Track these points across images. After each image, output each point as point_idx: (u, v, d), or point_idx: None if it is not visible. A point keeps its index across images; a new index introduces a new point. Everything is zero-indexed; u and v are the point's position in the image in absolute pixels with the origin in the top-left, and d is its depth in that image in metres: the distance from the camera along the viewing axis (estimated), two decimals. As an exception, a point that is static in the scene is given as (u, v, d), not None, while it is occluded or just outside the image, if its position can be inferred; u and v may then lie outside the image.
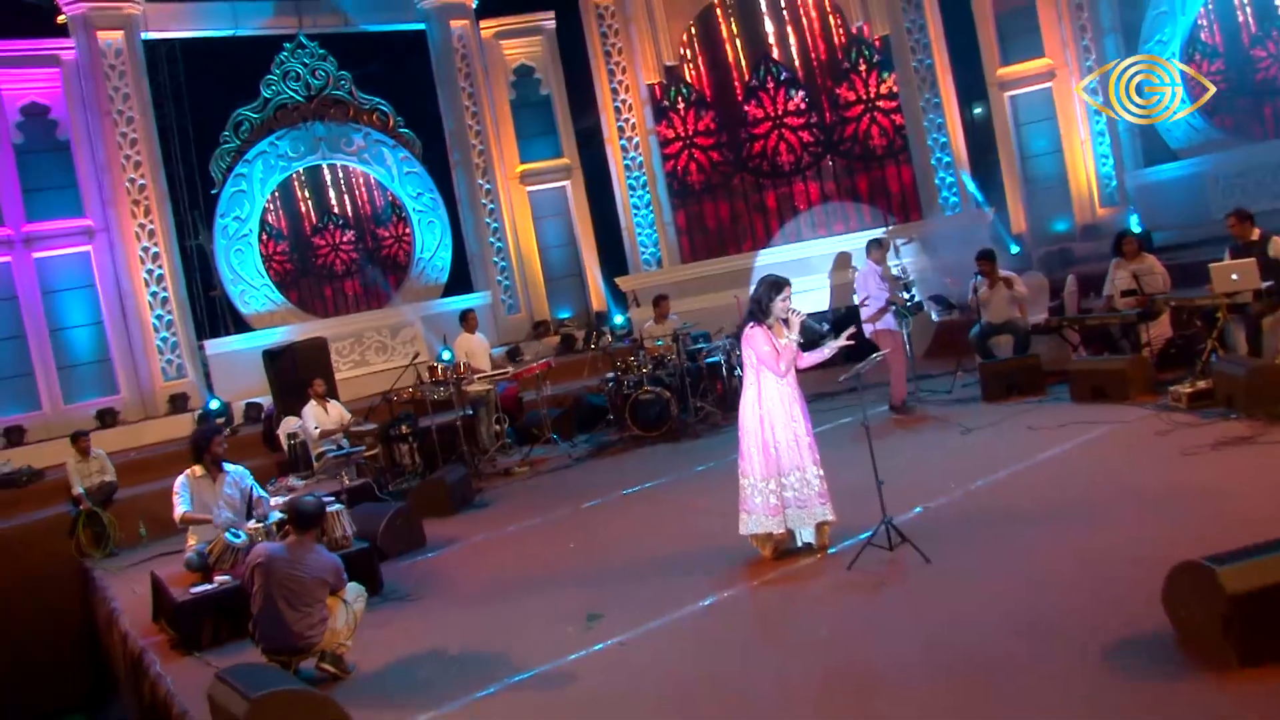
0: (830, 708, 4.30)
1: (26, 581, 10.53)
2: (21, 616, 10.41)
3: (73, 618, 10.34)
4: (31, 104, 15.03)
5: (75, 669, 10.36)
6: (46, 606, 10.44)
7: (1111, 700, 3.78)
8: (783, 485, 6.03)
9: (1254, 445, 6.81)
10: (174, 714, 5.56)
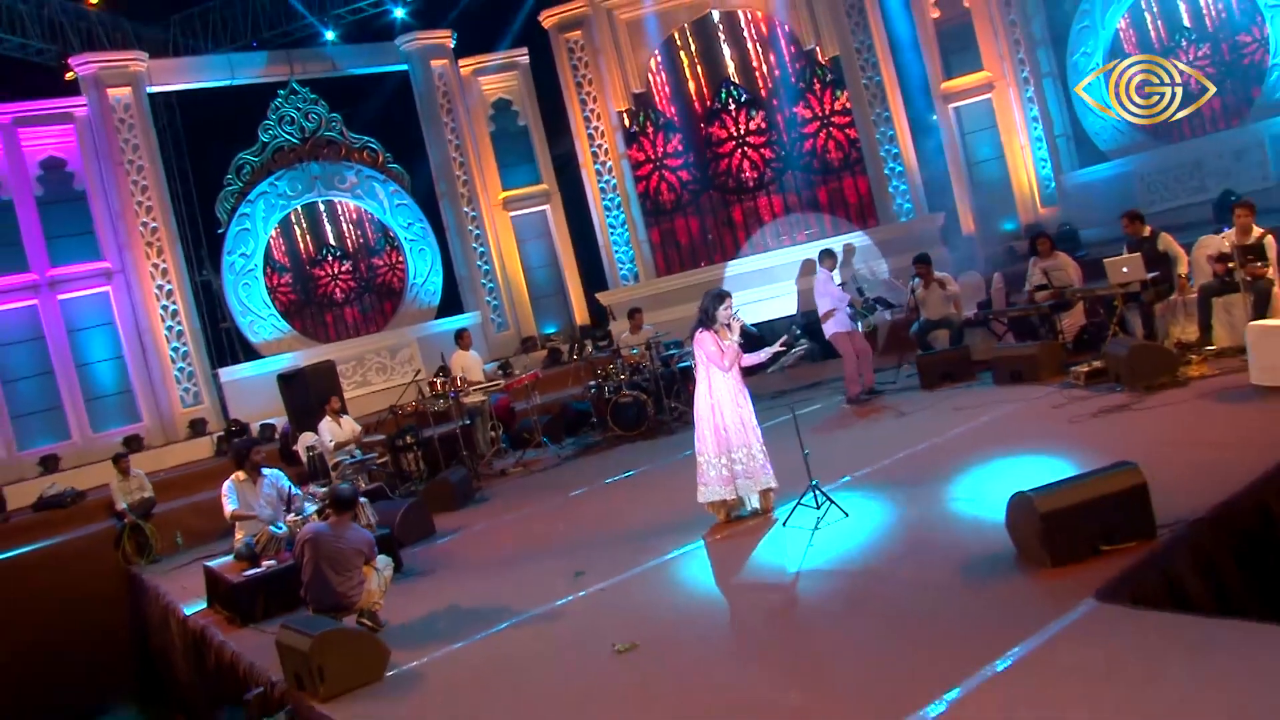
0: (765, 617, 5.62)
1: (77, 590, 11.73)
2: (74, 621, 11.60)
3: (121, 620, 11.58)
4: (50, 158, 16.32)
5: (125, 666, 11.56)
6: (96, 611, 11.65)
7: (959, 595, 5.09)
8: (732, 460, 7.34)
9: (1127, 412, 8.14)
10: (240, 669, 6.84)
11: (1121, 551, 5.02)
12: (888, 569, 5.77)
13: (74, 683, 11.38)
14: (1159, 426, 7.54)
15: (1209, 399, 7.93)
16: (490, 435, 13.65)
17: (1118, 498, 5.10)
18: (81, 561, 11.90)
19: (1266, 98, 15.34)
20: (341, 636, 5.80)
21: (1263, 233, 9.36)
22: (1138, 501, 5.11)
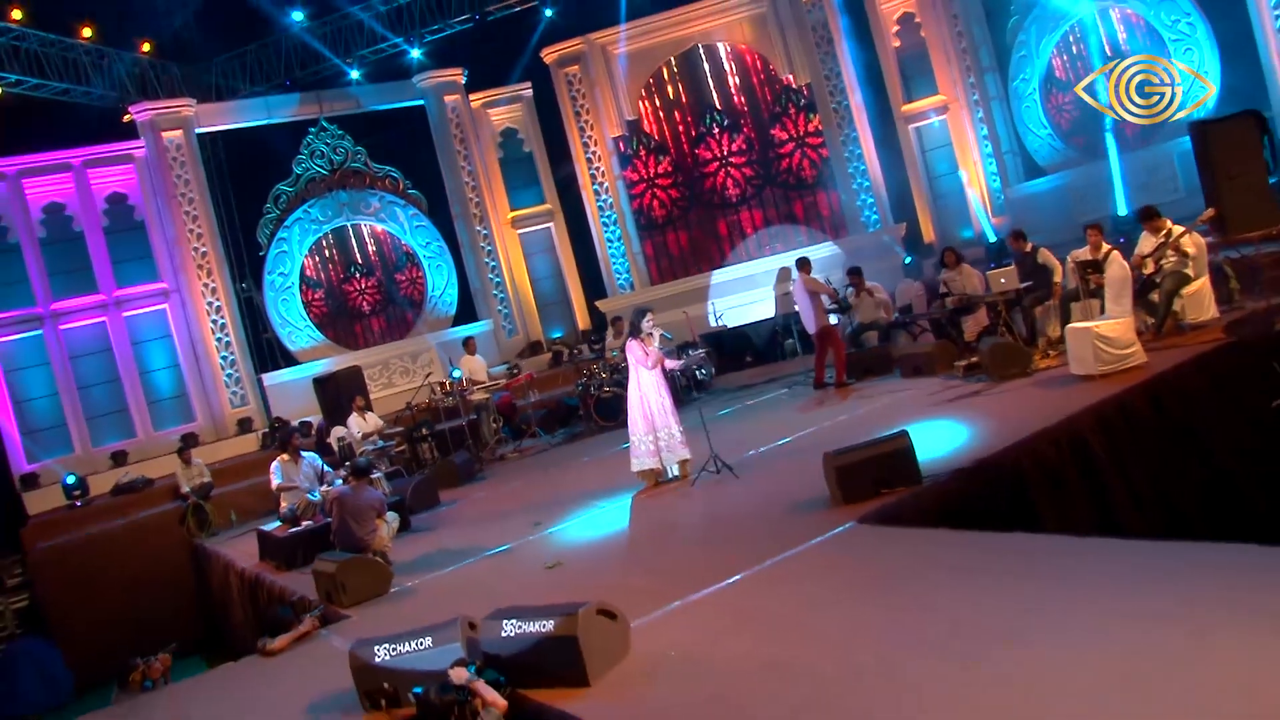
0: (651, 542, 7.88)
1: (150, 559, 14.22)
2: (148, 584, 14.06)
3: (187, 583, 14.02)
4: (114, 193, 18.83)
5: (190, 620, 13.95)
6: (166, 576, 14.11)
7: (778, 521, 7.33)
8: (657, 437, 9.61)
9: (976, 397, 10.31)
10: (286, 595, 9.19)
11: (894, 493, 7.22)
12: (744, 508, 8.03)
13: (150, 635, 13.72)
14: (987, 405, 9.71)
15: (1036, 386, 10.07)
16: (493, 427, 15.97)
17: (892, 455, 7.31)
18: (153, 536, 14.37)
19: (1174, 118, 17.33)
20: (359, 563, 8.14)
21: (1110, 248, 11.42)
22: (907, 458, 7.32)
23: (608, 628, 5.17)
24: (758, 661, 4.85)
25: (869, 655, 4.66)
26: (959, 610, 4.88)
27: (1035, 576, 5.14)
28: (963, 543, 6.08)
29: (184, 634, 13.59)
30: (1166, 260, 10.87)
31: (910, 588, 5.41)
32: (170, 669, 7.80)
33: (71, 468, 16.55)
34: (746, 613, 5.62)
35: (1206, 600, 4.30)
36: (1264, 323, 10.35)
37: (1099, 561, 5.18)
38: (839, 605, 5.40)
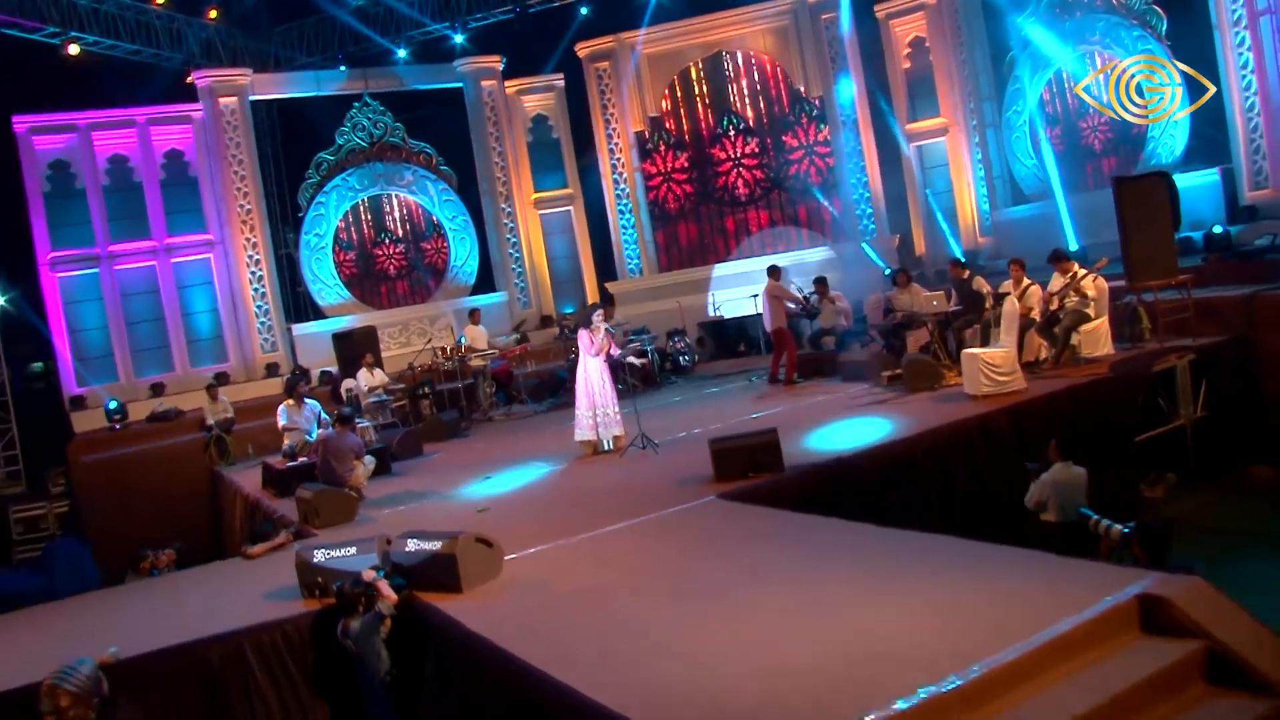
0: (570, 499, 9.60)
1: (174, 480, 16.19)
2: (170, 501, 15.97)
3: (203, 502, 15.95)
4: (172, 149, 20.73)
5: (203, 532, 15.77)
6: (186, 495, 16.06)
7: (664, 491, 9.00)
8: (595, 413, 11.33)
9: (886, 404, 11.90)
10: (276, 516, 11.02)
11: (760, 477, 8.87)
12: (645, 478, 9.75)
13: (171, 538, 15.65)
14: (887, 411, 11.32)
15: (934, 400, 11.61)
16: (487, 391, 17.72)
17: (762, 446, 8.97)
18: (179, 460, 16.36)
19: (1145, 164, 18.58)
20: (332, 494, 9.95)
21: (1030, 283, 12.90)
22: (773, 449, 8.96)
23: (483, 552, 6.90)
24: (583, 585, 6.58)
25: (665, 586, 6.36)
26: (753, 562, 6.55)
27: (821, 545, 6.79)
28: (788, 520, 7.70)
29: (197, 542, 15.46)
30: (1069, 299, 12.33)
31: (725, 546, 7.09)
32: (174, 562, 9.66)
33: (114, 394, 18.58)
34: (594, 553, 7.35)
35: (905, 567, 5.94)
36: (1145, 363, 11.85)
37: (868, 541, 6.78)
38: (663, 553, 7.10)
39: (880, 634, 4.96)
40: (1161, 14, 18.00)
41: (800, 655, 4.86)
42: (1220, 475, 12.01)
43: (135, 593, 9.01)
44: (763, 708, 4.36)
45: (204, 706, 6.51)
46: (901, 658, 4.61)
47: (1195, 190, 17.53)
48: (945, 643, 4.68)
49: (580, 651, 5.33)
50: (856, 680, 4.47)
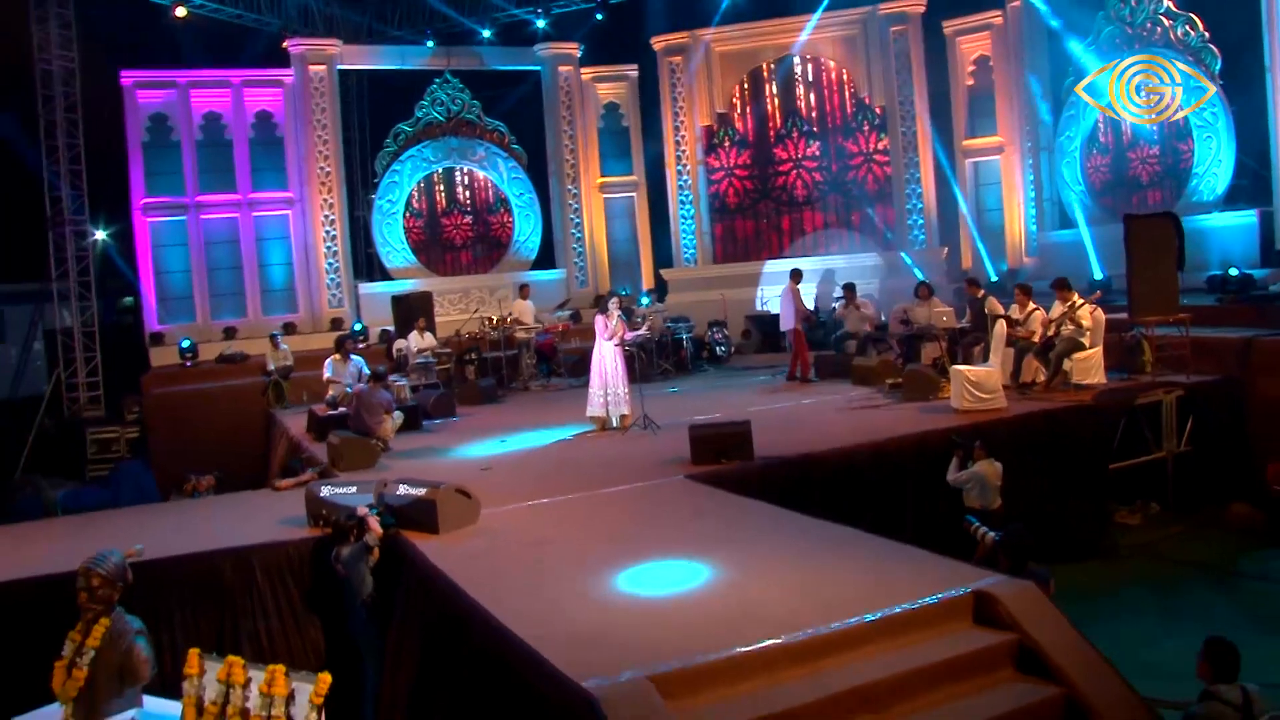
0: (573, 468, 10.63)
1: (233, 417, 17.61)
2: (227, 435, 17.35)
3: (257, 439, 17.28)
4: (262, 111, 22.17)
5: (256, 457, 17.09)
6: (242, 431, 17.39)
7: (647, 467, 10.00)
8: (607, 393, 12.36)
9: (879, 410, 12.74)
10: (306, 456, 12.26)
11: (731, 463, 9.81)
12: (634, 455, 10.79)
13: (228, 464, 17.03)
14: (876, 416, 12.17)
15: (923, 410, 12.38)
16: (529, 362, 18.83)
17: (734, 435, 9.90)
18: (240, 399, 17.79)
19: (1186, 199, 18.97)
20: (357, 441, 11.14)
21: (1034, 307, 13.58)
22: (745, 440, 9.90)
23: (461, 502, 7.98)
24: (540, 538, 7.64)
25: (606, 545, 7.38)
26: (685, 532, 7.54)
27: (747, 525, 7.74)
28: (730, 502, 8.64)
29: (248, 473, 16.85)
30: (1065, 327, 13.01)
31: (670, 517, 8.10)
32: (213, 486, 10.95)
33: (190, 334, 20.12)
34: (563, 513, 8.42)
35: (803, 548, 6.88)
36: (1129, 395, 12.51)
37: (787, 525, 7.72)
38: (618, 518, 8.14)
39: (755, 598, 5.92)
40: (1217, 53, 18.39)
41: (684, 607, 5.85)
42: (1200, 509, 12.66)
43: (174, 509, 10.33)
44: (634, 641, 5.36)
45: (213, 608, 7.70)
46: (761, 617, 5.56)
47: (1231, 230, 18.02)
48: (801, 610, 5.62)
49: (514, 589, 6.38)
50: (717, 630, 5.43)
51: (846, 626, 5.38)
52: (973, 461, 9.80)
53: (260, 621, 7.80)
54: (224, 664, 5.88)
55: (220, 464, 16.10)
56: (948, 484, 9.86)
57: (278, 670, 5.73)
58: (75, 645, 6.32)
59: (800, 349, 15.98)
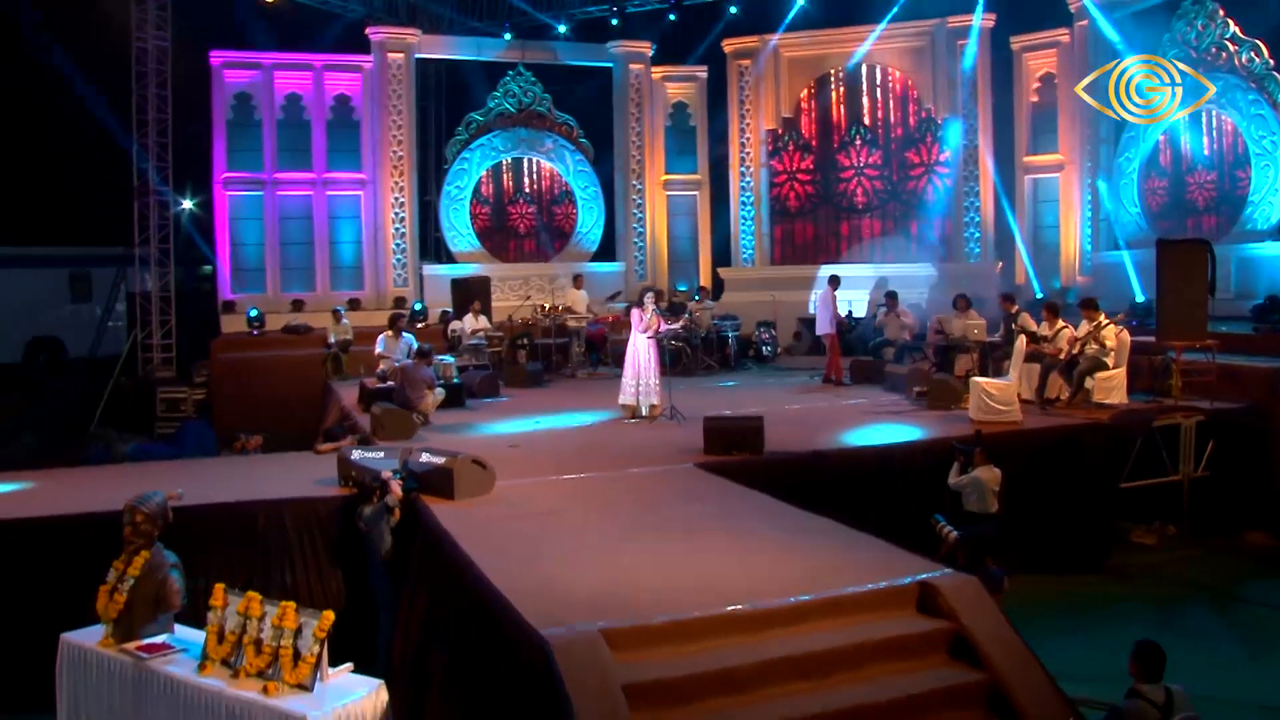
0: (582, 448, 11.26)
1: (293, 385, 18.54)
2: (286, 402, 18.22)
3: (313, 407, 18.13)
4: (341, 94, 23.13)
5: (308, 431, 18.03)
6: (300, 399, 18.23)
7: (663, 454, 10.58)
8: (639, 383, 12.97)
9: (901, 415, 13.16)
10: (348, 424, 13.05)
11: (741, 455, 10.34)
12: (653, 442, 11.37)
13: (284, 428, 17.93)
14: (896, 421, 12.58)
15: (941, 418, 12.78)
16: (578, 350, 19.50)
17: (747, 429, 10.44)
18: (301, 369, 18.73)
19: (1241, 226, 18.98)
20: (396, 413, 11.89)
21: (1063, 325, 13.87)
22: (757, 434, 10.43)
23: (477, 472, 8.65)
24: (545, 509, 8.28)
25: (604, 519, 7.99)
26: (678, 514, 8.12)
27: (736, 511, 8.29)
28: (728, 489, 9.16)
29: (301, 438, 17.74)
30: (1090, 346, 13.29)
31: (668, 500, 8.68)
32: (260, 446, 11.77)
33: (259, 305, 21.16)
34: (572, 489, 9.05)
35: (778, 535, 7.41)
36: (1146, 417, 12.75)
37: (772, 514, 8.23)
38: (620, 497, 8.74)
39: (720, 572, 6.50)
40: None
41: (653, 575, 6.44)
42: (1217, 535, 12.86)
43: (223, 464, 11.17)
44: (599, 600, 5.96)
45: (246, 554, 8.48)
46: (720, 589, 6.13)
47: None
48: (758, 586, 6.17)
49: (507, 550, 7.01)
50: (677, 596, 6.01)
51: (793, 603, 5.91)
52: (973, 467, 10.20)
53: (287, 569, 8.55)
54: (244, 598, 6.61)
55: (277, 428, 16.94)
56: (948, 487, 10.28)
57: (289, 606, 6.45)
58: (118, 573, 7.13)
59: (834, 354, 16.41)
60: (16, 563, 8.27)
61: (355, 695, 6.26)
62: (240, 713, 6.20)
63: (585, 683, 4.93)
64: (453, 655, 6.62)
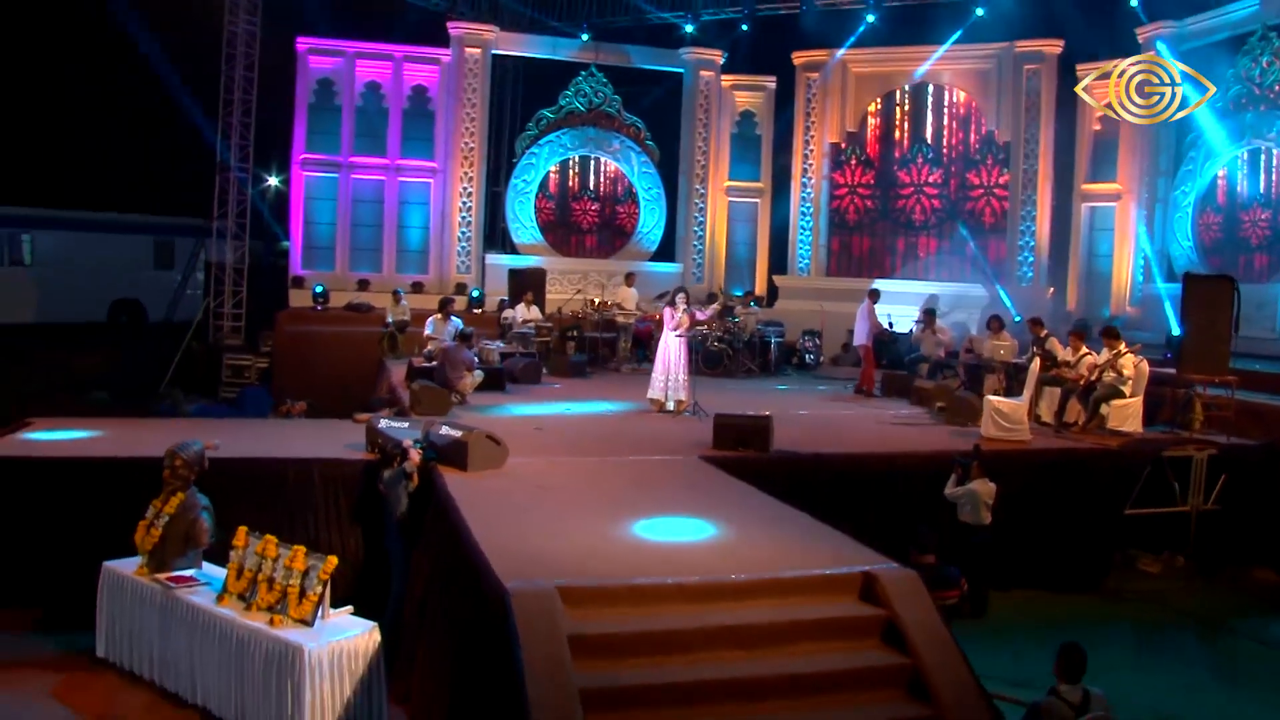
0: (603, 435, 11.92)
1: (350, 360, 19.45)
2: (342, 375, 19.12)
3: (367, 382, 19.05)
4: (418, 85, 24.11)
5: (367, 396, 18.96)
6: (355, 374, 19.12)
7: (674, 445, 11.21)
8: (667, 379, 13.61)
9: (917, 427, 13.62)
10: (386, 397, 13.88)
11: (747, 451, 10.93)
12: (669, 434, 12.00)
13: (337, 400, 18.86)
14: (911, 433, 13.09)
15: (954, 432, 13.18)
16: (625, 345, 20.16)
17: (755, 428, 11.02)
18: (359, 345, 19.67)
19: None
20: (434, 390, 12.69)
21: (1086, 352, 14.19)
22: (764, 432, 11.00)
23: (490, 447, 9.38)
24: (548, 485, 8.96)
25: (599, 497, 8.66)
26: (670, 498, 8.74)
27: (724, 500, 8.89)
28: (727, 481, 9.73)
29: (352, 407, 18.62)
30: (1108, 374, 13.61)
31: (664, 485, 9.32)
32: (304, 412, 12.66)
33: (327, 282, 22.23)
34: (577, 469, 9.75)
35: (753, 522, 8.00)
36: (1155, 446, 13.05)
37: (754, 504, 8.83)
38: (619, 479, 9.41)
39: (684, 548, 7.14)
40: (1344, 124, 18.39)
41: (627, 547, 7.10)
42: (1225, 569, 13.11)
43: (268, 425, 12.09)
44: (565, 563, 6.63)
45: (275, 505, 9.30)
46: (678, 562, 6.77)
47: (1330, 301, 18.05)
48: (714, 563, 6.80)
49: (502, 518, 7.72)
50: (638, 564, 6.67)
51: (739, 579, 6.52)
52: (970, 479, 10.67)
53: (312, 522, 9.36)
54: (262, 540, 7.42)
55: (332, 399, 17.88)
56: (944, 497, 10.77)
57: (300, 550, 7.24)
58: (156, 511, 8.01)
59: (868, 365, 16.88)
60: (73, 497, 9.20)
61: (349, 633, 7.02)
62: (248, 640, 7.00)
63: (535, 629, 5.60)
64: (442, 603, 7.35)
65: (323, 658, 6.70)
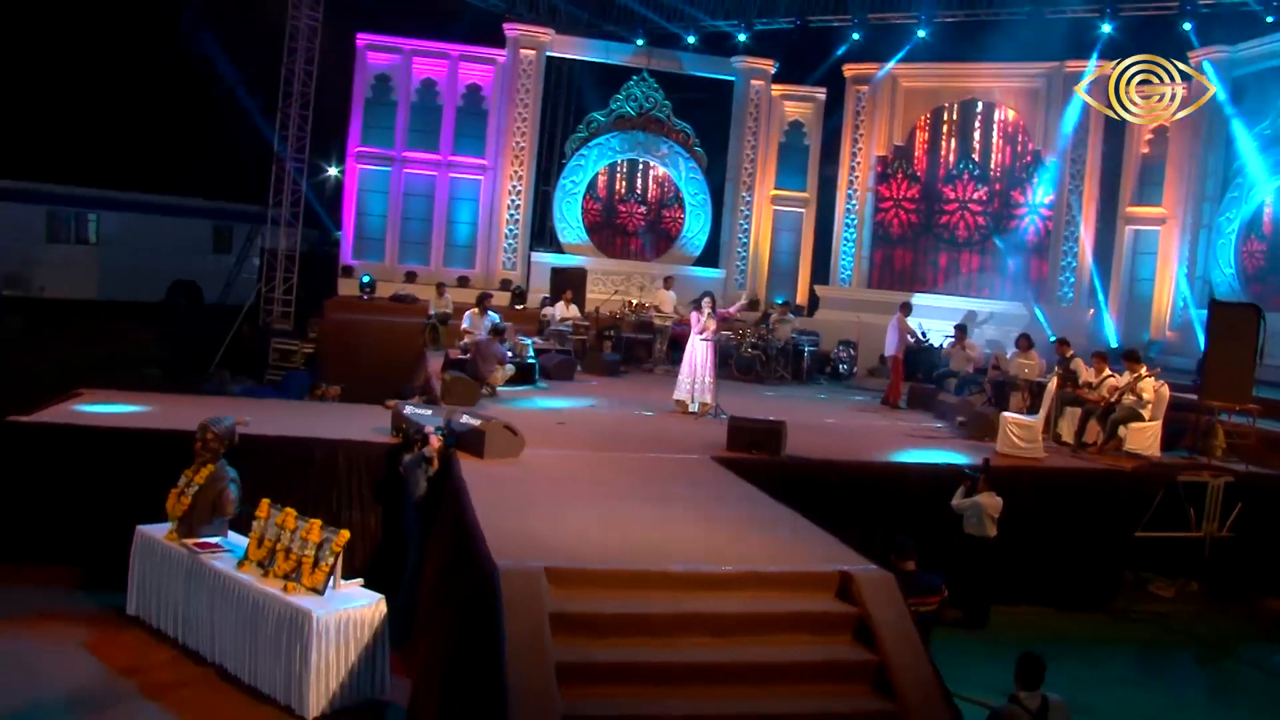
0: (621, 431, 12.31)
1: (392, 349, 20.01)
2: (384, 363, 19.68)
3: (409, 370, 19.61)
4: (473, 84, 24.70)
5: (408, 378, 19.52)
6: (396, 362, 19.62)
7: (688, 444, 11.58)
8: (694, 381, 13.98)
9: (933, 439, 13.85)
10: (417, 385, 14.39)
11: (760, 454, 11.26)
12: (687, 434, 12.38)
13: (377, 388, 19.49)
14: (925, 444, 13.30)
15: (970, 446, 13.40)
16: (661, 347, 20.56)
17: (768, 432, 11.35)
18: (401, 335, 20.24)
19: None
20: (464, 381, 13.19)
21: (1109, 374, 14.32)
22: (776, 437, 11.33)
23: (507, 437, 9.82)
24: (558, 476, 9.40)
25: (604, 490, 9.06)
26: (672, 493, 9.13)
27: (723, 496, 9.25)
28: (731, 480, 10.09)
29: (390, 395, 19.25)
30: (1127, 397, 13.74)
31: (669, 482, 9.70)
32: (338, 395, 13.20)
33: (375, 273, 22.90)
34: (590, 463, 10.16)
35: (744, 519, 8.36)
36: (1168, 471, 13.16)
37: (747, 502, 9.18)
38: (628, 473, 9.80)
39: (676, 541, 7.52)
40: (1390, 159, 18.28)
41: (621, 536, 7.51)
42: (1236, 597, 13.20)
43: (302, 406, 12.64)
44: (556, 546, 7.05)
45: (301, 482, 9.82)
46: (665, 552, 7.15)
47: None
48: (699, 556, 7.17)
49: (506, 503, 8.15)
50: (626, 553, 7.06)
51: (720, 570, 6.89)
52: (977, 492, 10.93)
53: (335, 499, 9.87)
54: (283, 512, 7.91)
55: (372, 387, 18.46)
56: (950, 508, 11.03)
57: (315, 523, 7.73)
58: (187, 480, 8.55)
59: (896, 377, 17.12)
60: (114, 465, 9.80)
61: (357, 603, 7.50)
62: (263, 603, 7.50)
63: (519, 606, 6.01)
64: (448, 582, 7.79)
65: (330, 624, 7.18)
